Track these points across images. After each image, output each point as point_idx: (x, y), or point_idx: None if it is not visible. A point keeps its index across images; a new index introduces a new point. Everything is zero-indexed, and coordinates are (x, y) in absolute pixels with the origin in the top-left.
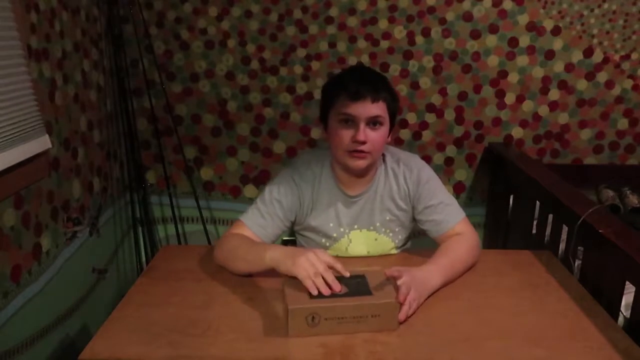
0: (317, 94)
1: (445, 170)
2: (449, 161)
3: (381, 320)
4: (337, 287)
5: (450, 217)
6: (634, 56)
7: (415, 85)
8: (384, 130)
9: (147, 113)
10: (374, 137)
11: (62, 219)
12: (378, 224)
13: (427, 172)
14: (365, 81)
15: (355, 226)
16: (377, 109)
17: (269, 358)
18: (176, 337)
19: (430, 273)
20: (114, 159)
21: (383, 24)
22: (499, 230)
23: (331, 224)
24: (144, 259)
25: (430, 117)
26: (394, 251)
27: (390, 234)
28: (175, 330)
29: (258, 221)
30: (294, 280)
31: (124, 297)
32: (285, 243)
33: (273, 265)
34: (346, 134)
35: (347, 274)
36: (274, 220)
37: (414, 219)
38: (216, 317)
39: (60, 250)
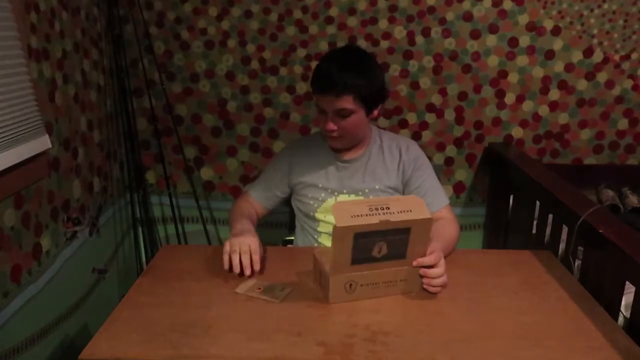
0: None
1: (445, 170)
2: (449, 161)
3: (408, 283)
4: (248, 271)
5: (437, 201)
6: (634, 56)
7: (415, 85)
8: (354, 117)
9: (147, 113)
10: (344, 124)
11: (62, 219)
12: (367, 191)
13: (423, 156)
14: (333, 75)
15: (344, 190)
16: (341, 102)
17: (269, 358)
18: (176, 337)
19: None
20: (114, 159)
21: (383, 24)
22: (499, 230)
23: (320, 185)
24: (144, 259)
25: (430, 117)
26: None
27: None
28: (176, 330)
29: (256, 187)
30: (322, 250)
31: (124, 297)
32: (285, 243)
33: None
34: (322, 120)
35: (258, 268)
36: (267, 184)
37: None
38: (216, 317)
39: (60, 250)
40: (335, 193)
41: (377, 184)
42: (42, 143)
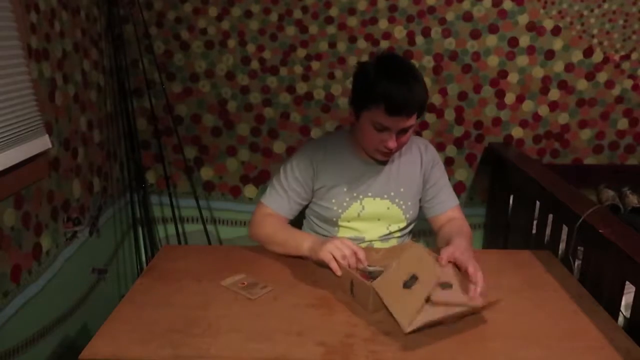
0: (317, 94)
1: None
2: (449, 161)
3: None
4: (356, 264)
5: (450, 200)
6: (634, 56)
7: None
8: (412, 128)
9: (147, 113)
10: (403, 139)
11: (62, 219)
12: (392, 194)
13: (437, 155)
14: (405, 96)
15: (370, 194)
16: (410, 120)
17: (269, 358)
18: (176, 337)
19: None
20: (114, 159)
21: (383, 24)
22: (499, 230)
23: (345, 188)
24: (144, 259)
25: (430, 117)
26: (402, 224)
27: (403, 207)
28: (175, 330)
29: (277, 200)
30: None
31: (124, 297)
32: None
33: (308, 255)
34: (378, 138)
35: (365, 264)
36: (289, 194)
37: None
38: (216, 317)
39: (60, 250)
40: (361, 197)
41: (402, 186)
42: (42, 143)
